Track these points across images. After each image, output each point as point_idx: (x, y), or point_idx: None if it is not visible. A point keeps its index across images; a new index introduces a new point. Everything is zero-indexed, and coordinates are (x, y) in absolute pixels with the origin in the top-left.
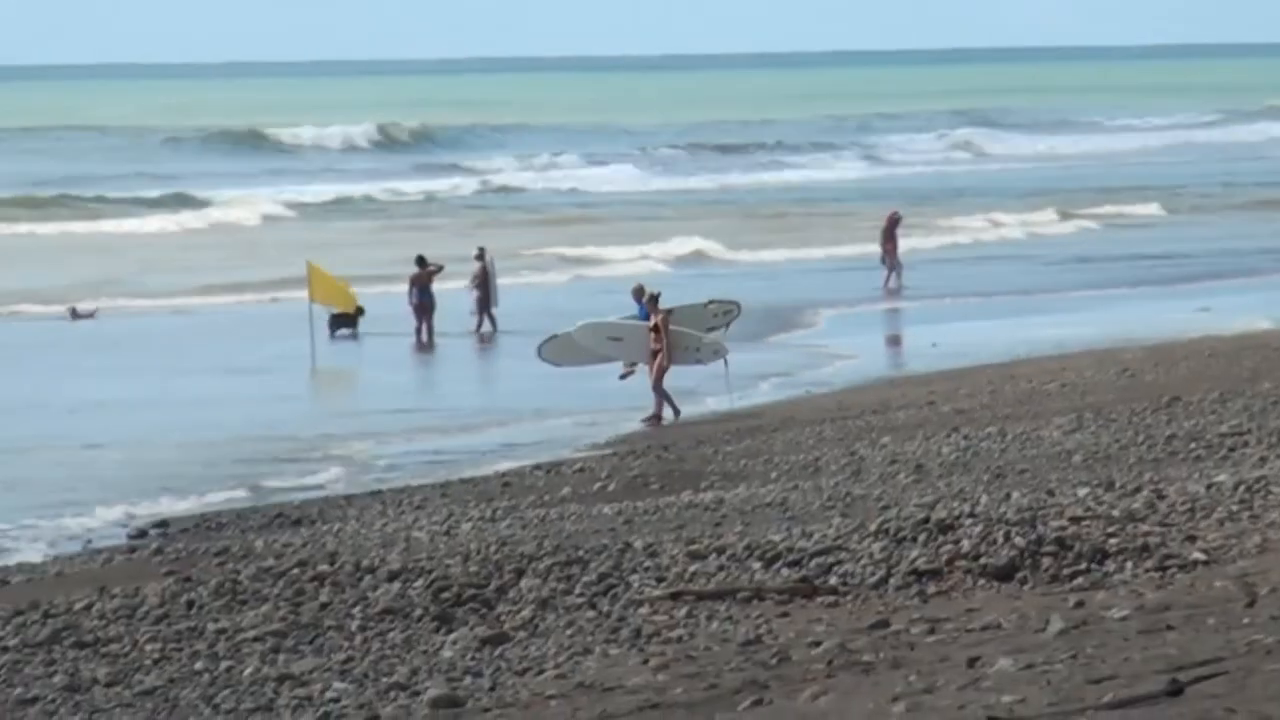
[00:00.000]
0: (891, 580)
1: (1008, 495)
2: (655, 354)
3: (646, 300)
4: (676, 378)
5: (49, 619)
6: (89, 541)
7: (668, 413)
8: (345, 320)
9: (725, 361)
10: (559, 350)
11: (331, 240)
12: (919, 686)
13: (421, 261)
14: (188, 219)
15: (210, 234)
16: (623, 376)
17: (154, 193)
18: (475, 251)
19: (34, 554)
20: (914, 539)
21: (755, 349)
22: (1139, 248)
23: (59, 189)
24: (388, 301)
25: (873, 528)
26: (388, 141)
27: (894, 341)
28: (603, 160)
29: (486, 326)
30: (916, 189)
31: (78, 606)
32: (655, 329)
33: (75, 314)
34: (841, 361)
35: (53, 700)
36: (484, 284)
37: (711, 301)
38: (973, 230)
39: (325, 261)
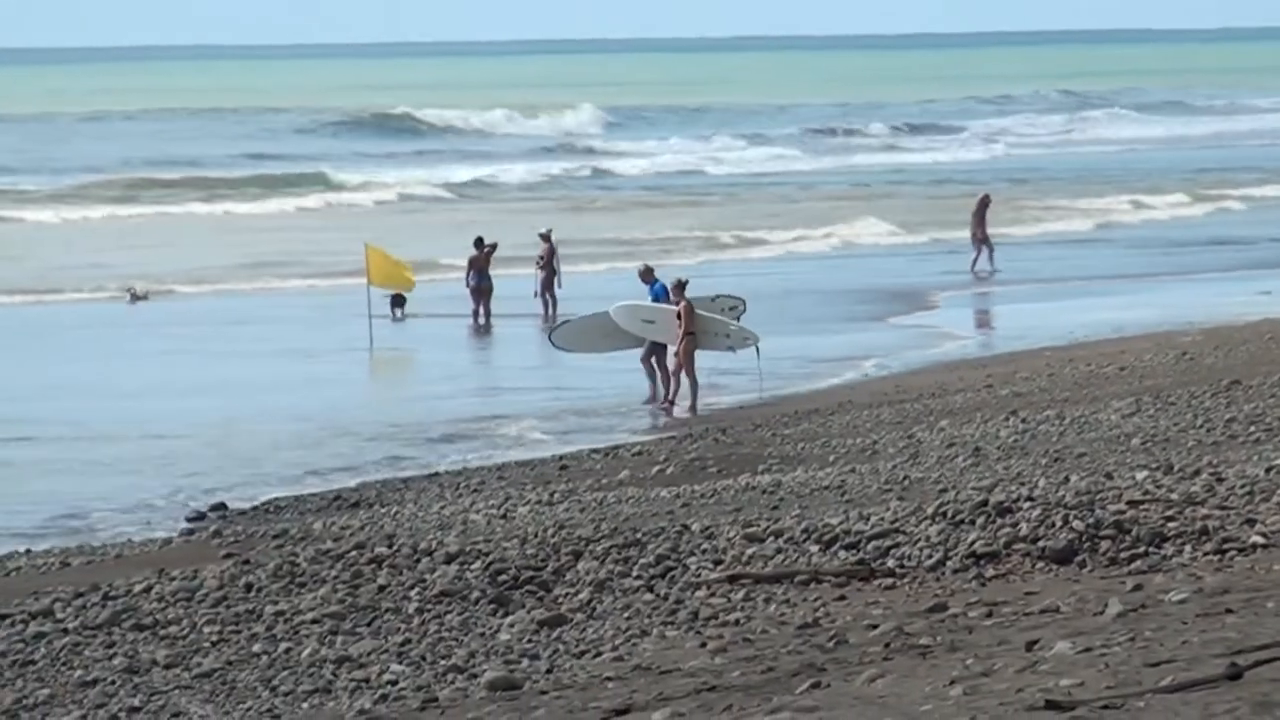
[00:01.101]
0: (949, 563)
1: (1066, 478)
2: (682, 339)
3: (672, 286)
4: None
5: (108, 601)
6: (148, 524)
7: (660, 391)
8: (401, 300)
9: (756, 349)
10: (569, 336)
11: (470, 220)
12: (977, 669)
13: (479, 243)
14: (338, 198)
15: (352, 215)
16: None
17: (294, 170)
18: (542, 231)
19: (94, 536)
20: (972, 522)
21: (864, 330)
22: (1215, 231)
23: (184, 170)
24: (517, 284)
25: (930, 511)
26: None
27: (985, 323)
28: (767, 141)
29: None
30: (1044, 169)
31: (137, 589)
32: (679, 315)
33: (134, 296)
34: (951, 342)
35: (112, 682)
36: (549, 265)
37: (719, 296)
38: (1105, 212)
39: (454, 243)
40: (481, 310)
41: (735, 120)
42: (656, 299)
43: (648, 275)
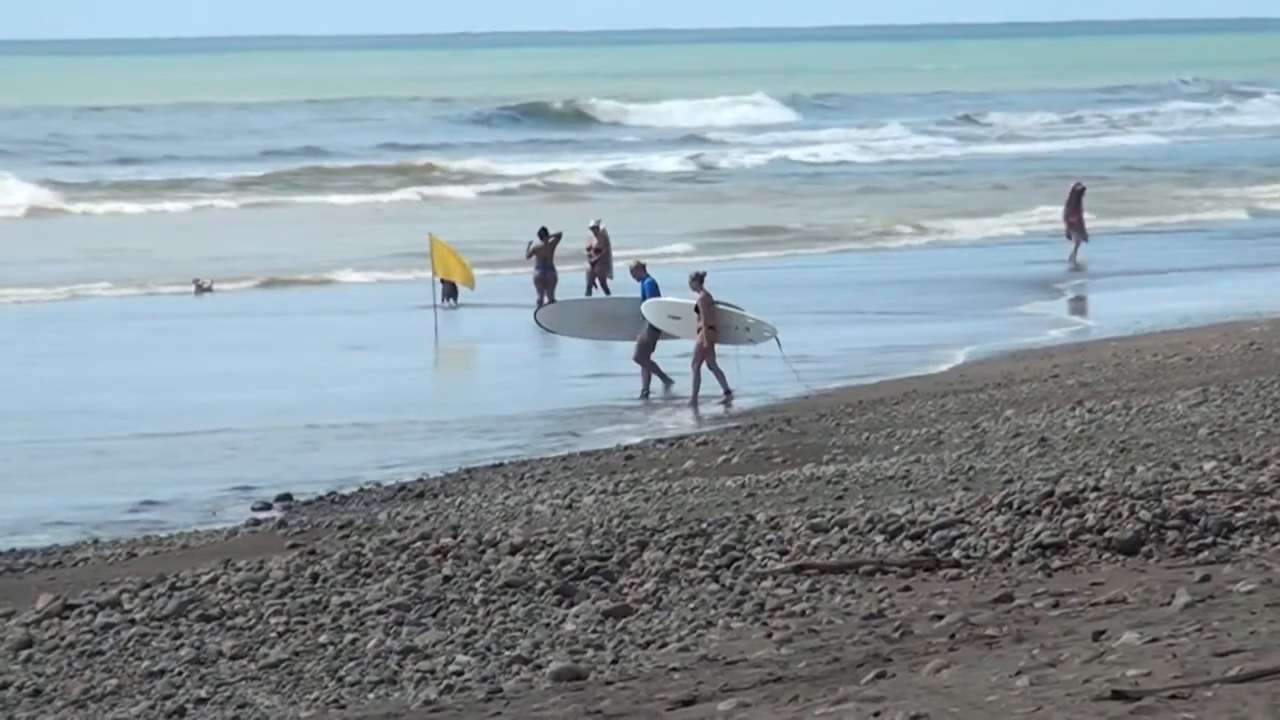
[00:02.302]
0: (1015, 554)
1: (1132, 469)
2: (699, 332)
3: (691, 278)
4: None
5: (175, 592)
6: (214, 515)
7: (656, 384)
8: (452, 290)
9: (777, 341)
10: (553, 317)
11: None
12: (1043, 660)
13: (544, 234)
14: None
15: (479, 206)
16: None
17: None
18: (592, 223)
19: (160, 527)
20: (1038, 512)
21: (973, 318)
22: None
23: (311, 160)
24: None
25: (996, 501)
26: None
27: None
28: (931, 130)
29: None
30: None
31: (203, 579)
32: (696, 308)
33: (200, 288)
34: (1057, 330)
35: (179, 673)
36: (603, 256)
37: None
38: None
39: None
40: (545, 300)
41: (904, 108)
42: (644, 295)
43: (639, 272)
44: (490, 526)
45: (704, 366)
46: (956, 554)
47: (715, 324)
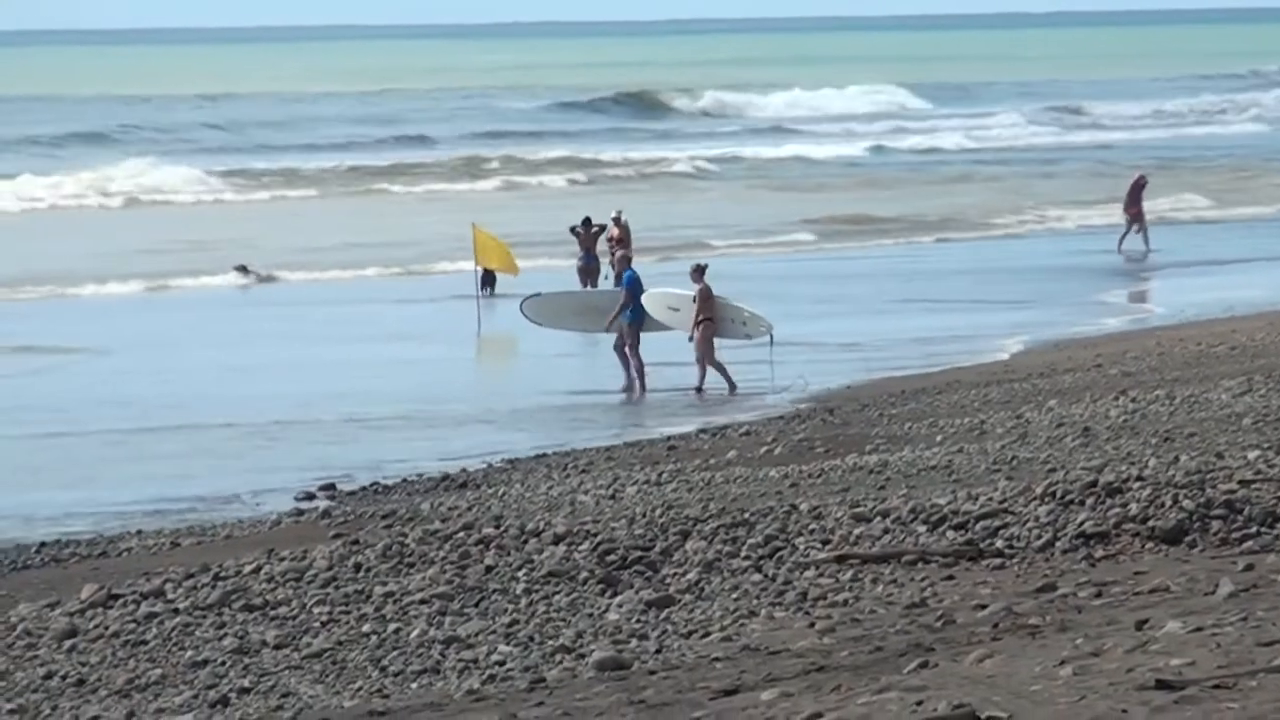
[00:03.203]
0: (1058, 543)
1: (1176, 458)
2: (699, 324)
3: (692, 270)
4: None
5: (219, 581)
6: (258, 504)
7: (636, 381)
8: (489, 279)
9: (770, 337)
10: (539, 309)
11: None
12: (1086, 649)
13: (587, 223)
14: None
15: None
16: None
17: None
18: (613, 213)
19: (204, 517)
20: (1081, 502)
21: (1035, 307)
22: None
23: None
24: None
25: (1039, 491)
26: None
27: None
28: (1037, 118)
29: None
30: None
31: (247, 569)
32: (694, 299)
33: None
34: (1113, 318)
35: (222, 663)
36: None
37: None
38: None
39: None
40: (589, 289)
41: (1010, 96)
42: (629, 285)
43: (623, 264)
44: (533, 516)
45: (713, 354)
46: (999, 544)
47: (713, 316)
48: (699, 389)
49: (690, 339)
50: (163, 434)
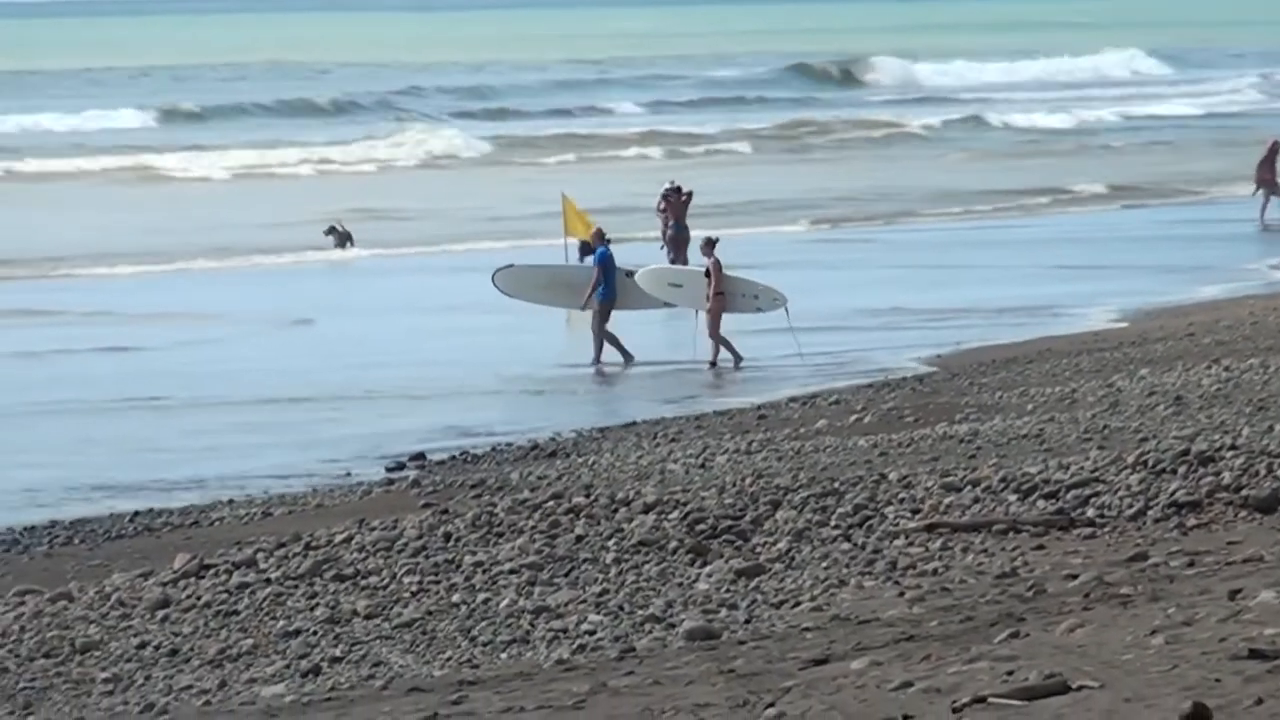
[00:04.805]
0: (1150, 513)
1: (1270, 427)
2: (709, 298)
3: (703, 244)
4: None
5: (310, 551)
6: (348, 474)
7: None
8: (588, 249)
9: (786, 310)
10: (510, 281)
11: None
12: (1178, 619)
13: (677, 191)
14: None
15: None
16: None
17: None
18: (667, 185)
19: (295, 486)
20: (1173, 471)
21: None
22: None
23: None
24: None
25: (1131, 460)
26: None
27: None
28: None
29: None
30: None
31: (338, 539)
32: (708, 274)
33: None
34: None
35: (314, 632)
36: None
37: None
38: None
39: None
40: (679, 260)
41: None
42: (599, 262)
43: (596, 239)
44: (623, 485)
45: (705, 329)
46: (1091, 513)
47: (724, 290)
48: (713, 362)
49: (707, 314)
50: (254, 405)
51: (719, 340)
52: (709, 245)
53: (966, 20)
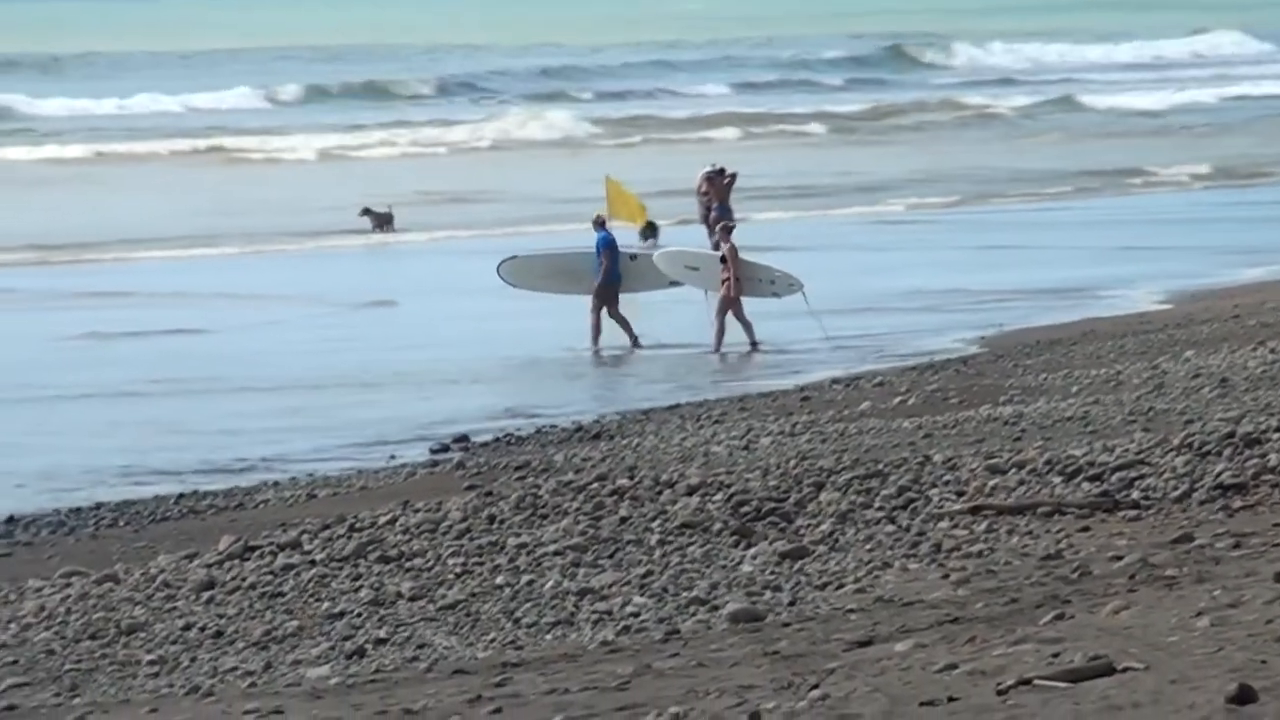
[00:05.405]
0: (1195, 495)
1: None
2: (724, 283)
3: (720, 230)
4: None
5: (354, 533)
6: (392, 456)
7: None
8: (652, 231)
9: (804, 295)
10: (515, 272)
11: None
12: (1224, 601)
13: (720, 173)
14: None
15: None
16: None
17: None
18: (707, 168)
19: (339, 468)
20: (1219, 453)
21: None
22: None
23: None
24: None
25: (1176, 442)
26: None
27: None
28: None
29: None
30: None
31: (382, 521)
32: (724, 259)
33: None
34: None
35: (358, 614)
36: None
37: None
38: None
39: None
40: (722, 242)
41: None
42: (604, 247)
43: (600, 224)
44: (667, 467)
45: (729, 317)
46: (1136, 495)
47: (740, 275)
48: (753, 344)
49: (735, 296)
50: (296, 388)
51: (730, 323)
52: (726, 231)
53: (1063, 1)
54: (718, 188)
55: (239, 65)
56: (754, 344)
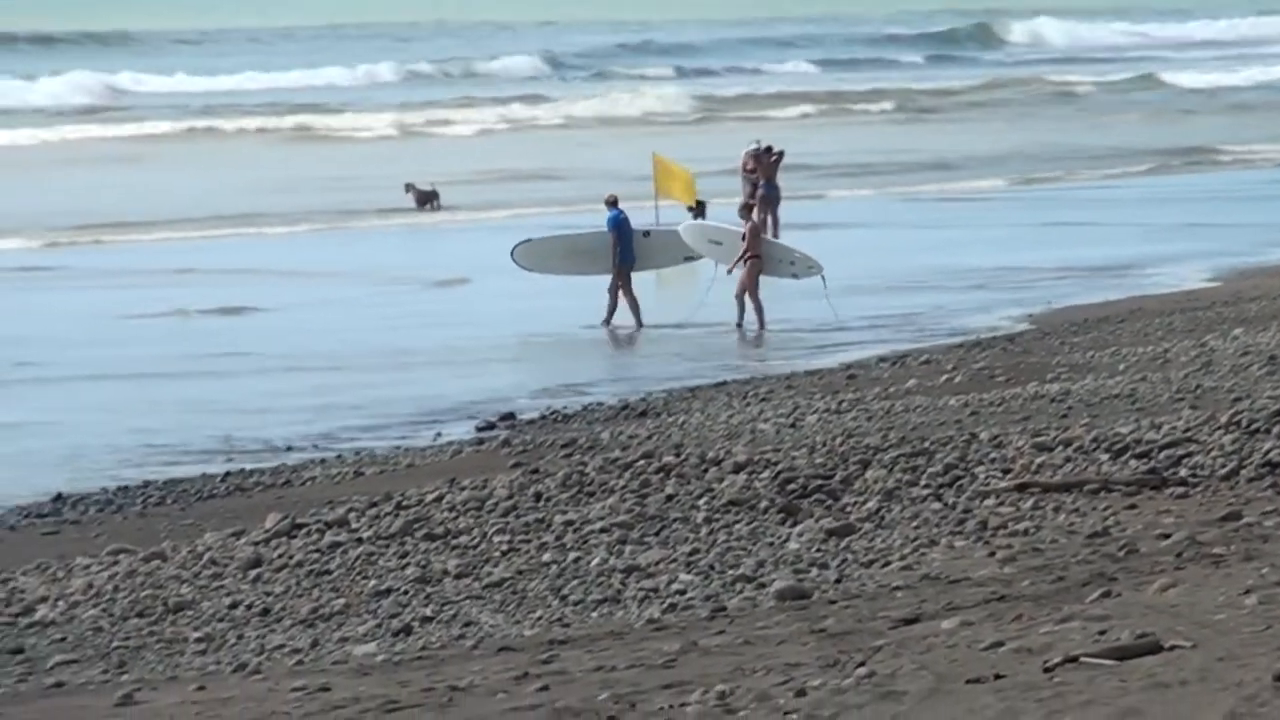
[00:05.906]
0: (1243, 472)
1: None
2: (745, 260)
3: (741, 208)
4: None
5: (401, 511)
6: (439, 434)
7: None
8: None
9: (822, 278)
10: (530, 255)
11: None
12: (1272, 579)
13: (768, 150)
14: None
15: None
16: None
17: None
18: (750, 146)
19: (386, 445)
20: (1267, 430)
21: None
22: None
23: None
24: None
25: (1224, 419)
26: None
27: None
28: None
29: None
30: None
31: (429, 498)
32: (744, 237)
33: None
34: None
35: (405, 592)
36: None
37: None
38: None
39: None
40: (769, 219)
41: None
42: (613, 226)
43: (613, 203)
44: (714, 445)
45: (757, 290)
46: (1183, 472)
47: (760, 254)
48: (739, 324)
49: (729, 273)
50: (344, 367)
51: (747, 300)
52: (747, 209)
53: None
54: (764, 165)
55: (355, 42)
56: (761, 325)
